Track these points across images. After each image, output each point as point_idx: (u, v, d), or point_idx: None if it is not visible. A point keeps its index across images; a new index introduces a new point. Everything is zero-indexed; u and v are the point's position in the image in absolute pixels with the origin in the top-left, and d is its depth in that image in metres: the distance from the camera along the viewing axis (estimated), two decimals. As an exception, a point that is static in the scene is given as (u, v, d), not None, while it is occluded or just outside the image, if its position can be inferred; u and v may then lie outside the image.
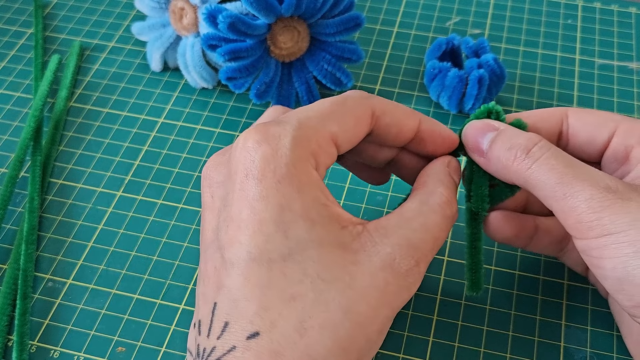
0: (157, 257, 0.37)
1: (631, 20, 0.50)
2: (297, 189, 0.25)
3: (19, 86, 0.46)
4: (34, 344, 0.33)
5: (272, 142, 0.26)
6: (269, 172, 0.25)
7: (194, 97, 0.45)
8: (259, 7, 0.38)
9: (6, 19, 0.51)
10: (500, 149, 0.29)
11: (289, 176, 0.25)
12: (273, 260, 0.24)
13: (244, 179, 0.25)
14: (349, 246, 0.25)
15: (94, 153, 0.42)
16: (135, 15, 0.51)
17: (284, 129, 0.26)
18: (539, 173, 0.27)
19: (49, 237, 0.38)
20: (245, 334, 0.24)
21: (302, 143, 0.26)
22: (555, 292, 0.35)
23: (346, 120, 0.28)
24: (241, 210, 0.25)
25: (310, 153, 0.26)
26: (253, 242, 0.25)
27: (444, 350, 0.33)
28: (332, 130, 0.27)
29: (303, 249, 0.25)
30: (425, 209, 0.27)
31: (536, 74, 0.46)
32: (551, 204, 0.27)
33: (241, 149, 0.26)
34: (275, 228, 0.25)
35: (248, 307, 0.24)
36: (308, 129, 0.26)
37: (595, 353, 0.33)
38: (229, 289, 0.25)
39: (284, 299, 0.24)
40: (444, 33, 0.49)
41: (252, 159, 0.25)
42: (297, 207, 0.25)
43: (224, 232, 0.26)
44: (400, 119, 0.29)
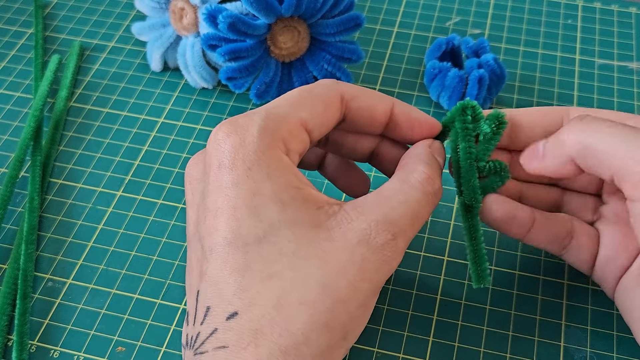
0: (157, 257, 0.37)
1: (631, 20, 0.50)
2: (267, 174, 0.26)
3: (19, 86, 0.46)
4: (33, 344, 0.33)
5: (240, 132, 0.27)
6: (238, 161, 0.26)
7: (194, 97, 0.45)
8: (259, 7, 0.38)
9: (6, 19, 0.51)
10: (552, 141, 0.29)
11: (258, 162, 0.26)
12: (248, 243, 0.25)
13: (217, 170, 0.26)
14: (324, 224, 0.26)
15: (94, 153, 0.42)
16: (135, 15, 0.51)
17: (252, 120, 0.27)
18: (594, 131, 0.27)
19: (49, 237, 0.38)
20: (225, 315, 0.24)
21: (269, 131, 0.27)
22: (555, 292, 0.35)
23: (315, 105, 0.28)
24: (216, 200, 0.26)
25: (280, 139, 0.27)
26: (228, 227, 0.25)
27: (444, 350, 0.33)
28: (301, 117, 0.28)
29: (277, 229, 0.25)
30: (404, 187, 0.28)
31: (536, 74, 0.46)
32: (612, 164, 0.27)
33: (212, 142, 0.27)
34: (248, 212, 0.25)
35: (227, 289, 0.25)
36: (276, 117, 0.27)
37: (595, 353, 0.33)
38: (209, 275, 0.25)
39: (262, 278, 0.25)
40: (444, 33, 0.49)
41: (222, 150, 0.26)
42: (267, 191, 0.26)
43: (202, 223, 0.26)
44: (370, 102, 0.30)
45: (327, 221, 0.26)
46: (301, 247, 0.25)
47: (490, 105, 0.44)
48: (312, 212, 0.26)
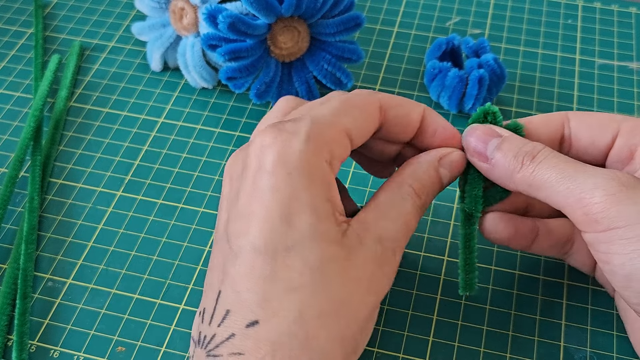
0: (157, 257, 0.37)
1: (631, 20, 0.50)
2: (308, 181, 0.26)
3: (19, 86, 0.46)
4: (33, 344, 0.33)
5: (287, 138, 0.26)
6: (280, 166, 0.26)
7: (194, 97, 0.45)
8: (259, 7, 0.38)
9: (6, 19, 0.51)
10: (506, 156, 0.29)
11: (300, 169, 0.26)
12: (277, 251, 0.25)
13: (257, 173, 0.26)
14: (341, 242, 0.26)
15: (94, 153, 0.42)
16: (135, 15, 0.51)
17: (298, 126, 0.27)
18: (542, 173, 0.28)
19: (49, 237, 0.38)
20: (245, 322, 0.24)
21: (316, 138, 0.27)
22: (555, 292, 0.35)
23: (357, 114, 0.29)
24: (250, 203, 0.26)
25: (325, 146, 0.27)
26: (258, 233, 0.25)
27: (444, 350, 0.33)
28: (346, 125, 0.28)
29: (306, 241, 0.25)
30: (398, 199, 0.29)
31: (536, 74, 0.46)
32: (557, 201, 0.27)
33: (258, 145, 0.27)
34: (281, 220, 0.25)
35: (250, 297, 0.25)
36: (322, 125, 0.27)
37: (595, 353, 0.33)
38: (233, 278, 0.25)
39: (285, 289, 0.25)
40: (444, 33, 0.49)
41: (266, 154, 0.26)
42: (305, 199, 0.26)
43: (233, 224, 0.26)
44: (406, 110, 0.30)
45: (343, 239, 0.26)
46: (325, 262, 0.25)
47: (490, 105, 0.44)
48: (334, 228, 0.26)
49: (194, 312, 0.34)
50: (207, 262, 0.36)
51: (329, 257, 0.26)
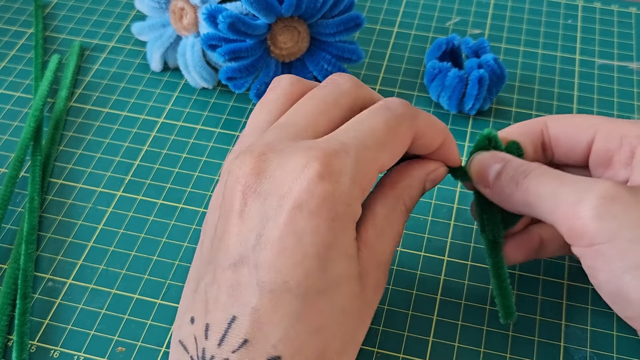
0: (157, 257, 0.37)
1: (631, 20, 0.50)
2: (346, 227, 0.25)
3: (19, 86, 0.46)
4: (34, 344, 0.33)
5: (334, 179, 0.25)
6: (324, 210, 0.24)
7: (194, 97, 0.45)
8: (259, 7, 0.38)
9: (6, 19, 0.51)
10: (504, 179, 0.29)
11: (343, 216, 0.25)
12: (308, 294, 0.24)
13: (297, 209, 0.24)
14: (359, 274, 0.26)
15: (94, 153, 0.42)
16: (135, 15, 0.51)
17: (345, 164, 0.25)
18: (532, 189, 0.28)
19: (49, 237, 0.38)
20: (266, 356, 0.24)
21: (359, 181, 0.25)
22: (555, 292, 0.35)
23: (397, 149, 0.27)
24: (286, 237, 0.24)
25: (363, 190, 0.26)
26: (292, 273, 0.24)
27: (444, 350, 0.33)
28: (383, 162, 0.27)
29: (337, 285, 0.25)
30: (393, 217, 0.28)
31: (536, 74, 0.46)
32: (547, 217, 0.28)
33: (299, 177, 0.25)
34: (318, 264, 0.25)
35: (274, 333, 0.24)
36: (366, 165, 0.26)
37: (595, 353, 0.33)
38: (256, 310, 0.24)
39: (310, 330, 0.25)
40: (444, 33, 0.49)
41: (311, 193, 0.24)
42: (341, 245, 0.25)
43: (259, 252, 0.25)
44: (433, 138, 0.29)
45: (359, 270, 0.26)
46: (349, 303, 0.26)
47: (491, 105, 0.44)
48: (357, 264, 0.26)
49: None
50: (207, 262, 0.36)
51: (351, 296, 0.26)
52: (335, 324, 0.25)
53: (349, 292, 0.26)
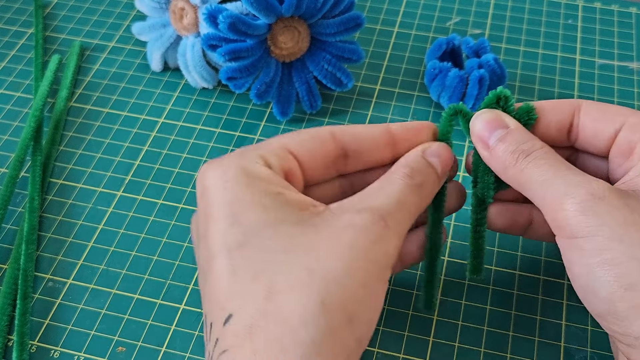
0: (157, 257, 0.37)
1: (631, 20, 0.50)
2: (246, 184, 0.27)
3: (19, 86, 0.46)
4: (34, 344, 0.33)
5: (220, 158, 0.28)
6: (217, 179, 0.27)
7: (194, 97, 0.45)
8: (259, 7, 0.38)
9: (6, 19, 0.51)
10: (505, 150, 0.29)
11: (235, 176, 0.27)
12: (231, 249, 0.25)
13: (201, 197, 0.28)
14: (308, 221, 0.26)
15: (94, 153, 0.42)
16: (135, 15, 0.51)
17: (233, 152, 0.29)
18: (527, 172, 0.28)
19: (49, 237, 0.38)
20: (222, 322, 0.24)
21: (248, 152, 0.28)
22: (555, 292, 0.35)
23: (300, 135, 0.30)
24: (205, 223, 0.27)
25: (259, 157, 0.28)
26: (213, 242, 0.26)
27: (444, 350, 0.33)
28: (283, 142, 0.29)
29: (258, 231, 0.26)
30: (385, 184, 0.28)
31: (536, 74, 0.46)
32: (537, 202, 0.28)
33: (198, 177, 0.28)
34: (228, 221, 0.26)
35: (219, 297, 0.25)
36: (256, 146, 0.29)
37: (595, 353, 0.33)
38: (207, 293, 0.26)
39: (250, 278, 0.25)
40: (445, 33, 0.49)
41: (204, 176, 0.28)
42: (246, 198, 0.26)
43: (200, 253, 0.27)
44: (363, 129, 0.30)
45: (312, 219, 0.26)
46: (285, 242, 0.25)
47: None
48: (295, 213, 0.26)
49: (194, 312, 0.34)
50: (207, 262, 0.36)
51: (288, 236, 0.25)
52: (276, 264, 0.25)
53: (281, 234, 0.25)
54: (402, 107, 0.44)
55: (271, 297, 0.24)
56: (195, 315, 0.34)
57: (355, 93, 0.45)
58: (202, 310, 0.29)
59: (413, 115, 0.44)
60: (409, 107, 0.44)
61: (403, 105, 0.44)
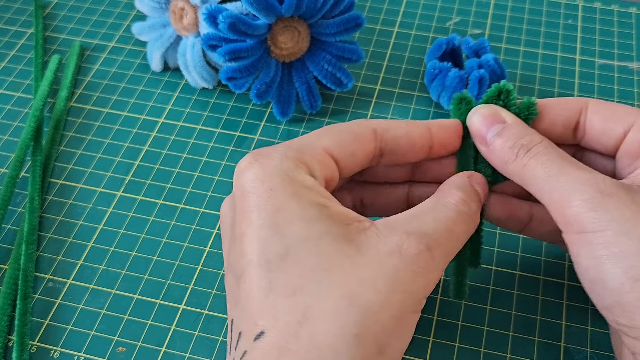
0: (157, 257, 0.37)
1: (631, 20, 0.50)
2: (291, 193, 0.26)
3: (19, 86, 0.46)
4: (34, 344, 0.33)
5: (261, 159, 0.27)
6: (259, 184, 0.26)
7: (194, 97, 0.45)
8: (259, 7, 0.38)
9: (6, 19, 0.51)
10: (503, 145, 0.29)
11: (281, 183, 0.26)
12: (271, 261, 0.25)
13: (241, 198, 0.26)
14: (352, 239, 0.25)
15: (94, 153, 0.42)
16: (135, 15, 0.51)
17: (275, 149, 0.27)
18: (531, 168, 0.28)
19: (49, 237, 0.38)
20: (253, 336, 0.24)
21: (292, 156, 0.27)
22: (555, 292, 0.35)
23: (341, 135, 0.28)
24: (241, 225, 0.26)
25: (303, 164, 0.27)
26: (252, 249, 0.25)
27: (444, 350, 0.33)
28: (325, 144, 0.28)
29: (302, 244, 0.25)
30: (438, 206, 0.27)
31: (536, 74, 0.46)
32: (541, 198, 0.28)
33: (236, 173, 0.27)
34: (271, 231, 0.25)
35: (252, 310, 0.24)
36: (299, 145, 0.28)
37: (595, 353, 0.33)
38: (239, 301, 0.25)
39: (286, 294, 0.24)
40: (445, 33, 0.49)
41: (245, 177, 0.27)
42: (292, 208, 0.25)
43: (232, 253, 0.27)
44: (406, 130, 0.30)
45: (357, 236, 0.25)
46: (326, 259, 0.24)
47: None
48: (339, 228, 0.25)
49: (194, 312, 0.34)
50: (207, 262, 0.36)
51: (331, 254, 0.25)
52: (314, 285, 0.24)
53: (322, 250, 0.25)
54: (402, 107, 0.44)
55: (306, 321, 0.23)
56: (195, 315, 0.34)
57: (355, 93, 0.45)
58: (204, 310, 0.29)
59: (413, 115, 0.44)
60: (409, 107, 0.44)
61: (403, 105, 0.44)
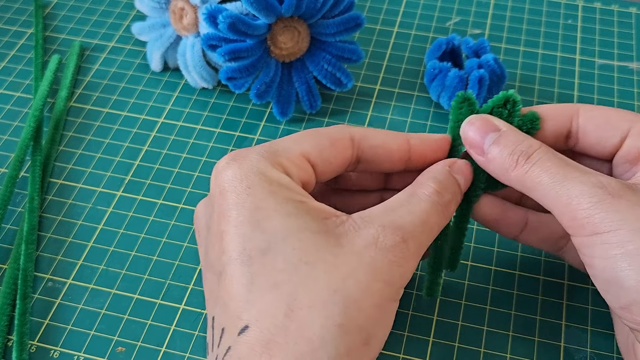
0: (157, 257, 0.37)
1: (631, 20, 0.50)
2: (268, 191, 0.26)
3: (19, 86, 0.46)
4: (34, 344, 0.33)
5: (239, 159, 0.27)
6: (237, 182, 0.26)
7: (194, 97, 0.45)
8: (259, 7, 0.38)
9: (6, 19, 0.51)
10: (502, 153, 0.29)
11: (258, 182, 0.26)
12: (252, 256, 0.25)
13: (220, 197, 0.27)
14: (331, 231, 0.26)
15: (94, 153, 0.42)
16: (135, 15, 0.51)
17: (252, 149, 0.28)
18: (535, 175, 0.28)
19: (49, 237, 0.38)
20: (237, 331, 0.24)
21: (268, 157, 0.27)
22: (555, 292, 0.35)
23: (319, 140, 0.29)
24: (219, 223, 0.26)
25: (278, 164, 0.27)
26: (232, 246, 0.25)
27: (444, 350, 0.33)
28: (302, 148, 0.28)
29: (282, 238, 0.25)
30: (412, 199, 0.28)
31: (536, 74, 0.46)
32: (547, 204, 0.28)
33: (215, 173, 0.28)
34: (251, 228, 0.25)
35: (235, 305, 0.25)
36: (276, 147, 0.28)
37: (595, 353, 0.33)
38: (221, 297, 0.25)
39: (268, 288, 0.24)
40: (444, 33, 0.49)
41: (223, 176, 0.27)
42: (270, 204, 0.26)
43: (211, 251, 0.27)
44: (383, 139, 0.30)
45: (335, 229, 0.26)
46: (307, 253, 0.25)
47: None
48: (318, 221, 0.26)
49: (194, 312, 0.34)
50: (207, 262, 0.36)
51: (310, 246, 0.25)
52: (297, 277, 0.24)
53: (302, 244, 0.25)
54: (402, 107, 0.44)
55: (292, 313, 0.24)
56: (195, 315, 0.34)
57: (355, 93, 0.45)
58: (204, 310, 0.29)
59: (413, 115, 0.44)
60: (408, 107, 0.44)
61: (403, 105, 0.44)
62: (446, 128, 0.43)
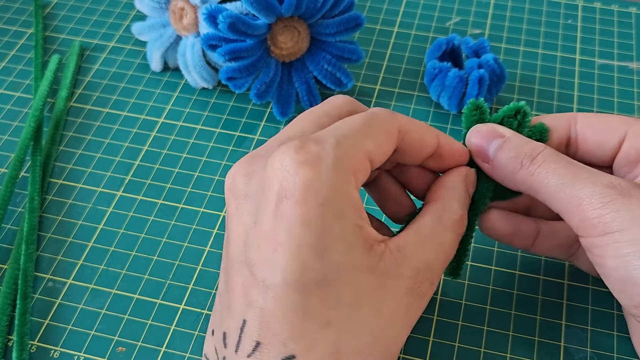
0: (157, 257, 0.37)
1: (631, 20, 0.50)
2: (339, 213, 0.25)
3: (19, 86, 0.46)
4: (34, 344, 0.33)
5: (313, 163, 0.25)
6: (310, 196, 0.24)
7: (194, 97, 0.45)
8: (259, 7, 0.38)
9: (6, 19, 0.51)
10: (506, 157, 0.29)
11: (332, 200, 0.24)
12: (308, 286, 0.24)
13: (283, 200, 0.24)
14: (376, 268, 0.26)
15: (94, 153, 0.42)
16: (135, 15, 0.51)
17: (324, 149, 0.25)
18: (542, 177, 0.28)
19: (49, 237, 0.38)
20: (280, 356, 0.24)
21: (343, 163, 0.25)
22: (555, 292, 0.35)
23: (378, 136, 0.27)
24: (277, 232, 0.24)
25: (351, 173, 0.26)
26: (289, 267, 0.24)
27: (444, 350, 0.33)
28: (368, 148, 0.27)
29: (338, 274, 0.25)
30: (440, 228, 0.28)
31: (536, 74, 0.46)
32: (556, 205, 0.28)
33: (279, 168, 0.25)
34: (313, 254, 0.24)
35: (282, 330, 0.24)
36: (347, 148, 0.26)
37: (595, 353, 0.33)
38: (261, 310, 0.25)
39: (320, 324, 0.24)
40: (444, 33, 0.49)
41: (293, 181, 0.24)
42: (337, 231, 0.25)
43: (256, 251, 0.25)
44: (423, 135, 0.29)
45: (378, 264, 0.26)
46: (358, 295, 0.25)
47: (491, 105, 0.44)
48: (367, 254, 0.26)
49: (194, 312, 0.34)
50: (207, 262, 0.36)
51: (362, 288, 0.25)
52: (347, 319, 0.25)
53: (355, 285, 0.25)
54: (402, 107, 0.44)
55: (338, 355, 0.25)
56: (195, 315, 0.34)
57: (355, 93, 0.45)
58: (204, 310, 0.28)
59: (413, 115, 0.44)
60: (408, 107, 0.44)
61: (403, 105, 0.44)
62: (446, 128, 0.43)
